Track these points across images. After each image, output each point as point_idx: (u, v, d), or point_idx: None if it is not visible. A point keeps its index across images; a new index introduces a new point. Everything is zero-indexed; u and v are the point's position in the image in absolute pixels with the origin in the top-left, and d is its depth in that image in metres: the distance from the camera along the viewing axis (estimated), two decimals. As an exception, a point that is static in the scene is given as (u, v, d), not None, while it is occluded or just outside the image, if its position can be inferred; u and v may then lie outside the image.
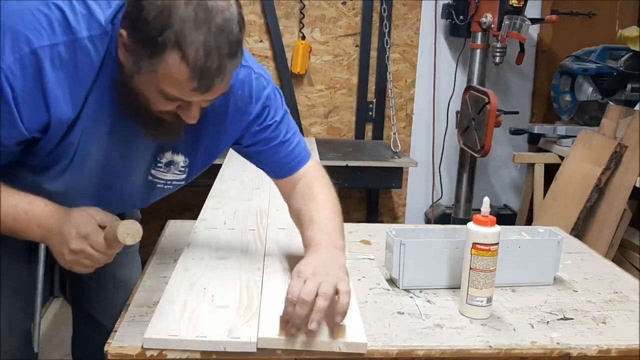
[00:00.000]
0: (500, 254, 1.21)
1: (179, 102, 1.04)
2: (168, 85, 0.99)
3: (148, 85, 1.01)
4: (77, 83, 1.05)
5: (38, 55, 1.01)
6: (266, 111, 1.26)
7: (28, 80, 1.01)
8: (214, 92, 1.02)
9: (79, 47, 1.03)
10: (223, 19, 0.96)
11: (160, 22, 0.94)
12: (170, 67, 0.96)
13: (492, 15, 2.91)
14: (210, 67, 0.97)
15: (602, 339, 1.15)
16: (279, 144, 1.29)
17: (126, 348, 1.03)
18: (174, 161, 1.25)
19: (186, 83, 0.98)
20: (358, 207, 3.49)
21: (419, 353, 1.08)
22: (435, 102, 3.41)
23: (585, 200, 2.72)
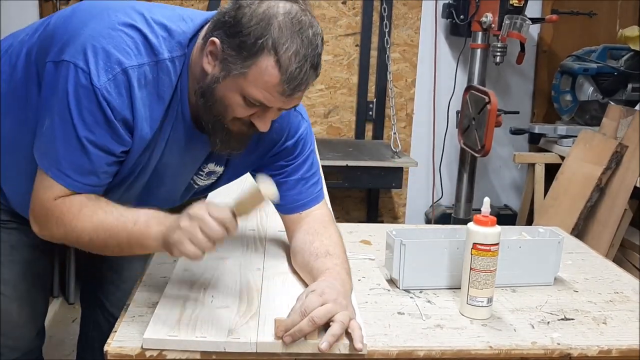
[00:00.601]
0: (500, 254, 1.20)
1: (257, 109, 1.10)
2: (256, 88, 1.06)
3: (232, 89, 1.08)
4: (158, 100, 1.13)
5: (128, 74, 1.08)
6: (297, 149, 1.33)
7: (122, 98, 1.09)
8: (294, 100, 1.11)
9: (161, 68, 1.12)
10: (313, 33, 1.07)
11: (260, 28, 1.03)
12: (264, 70, 1.04)
13: (492, 15, 2.91)
14: (299, 75, 1.05)
15: (603, 339, 1.15)
16: (297, 181, 1.33)
17: (126, 348, 1.03)
18: (214, 172, 1.33)
19: (275, 86, 1.06)
20: (358, 207, 3.49)
21: (419, 353, 1.08)
22: (436, 102, 3.41)
23: (585, 200, 2.71)
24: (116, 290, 1.59)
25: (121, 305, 1.30)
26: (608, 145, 2.74)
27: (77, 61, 1.07)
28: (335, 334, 1.00)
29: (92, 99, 1.07)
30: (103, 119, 1.08)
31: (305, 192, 1.34)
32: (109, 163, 1.13)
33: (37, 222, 1.17)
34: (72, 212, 1.12)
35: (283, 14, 1.04)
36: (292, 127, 1.31)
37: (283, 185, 1.32)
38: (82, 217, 1.11)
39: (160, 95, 1.13)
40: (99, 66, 1.06)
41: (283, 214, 1.37)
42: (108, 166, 1.14)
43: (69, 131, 1.08)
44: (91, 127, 1.08)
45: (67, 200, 1.12)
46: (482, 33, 3.03)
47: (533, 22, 2.92)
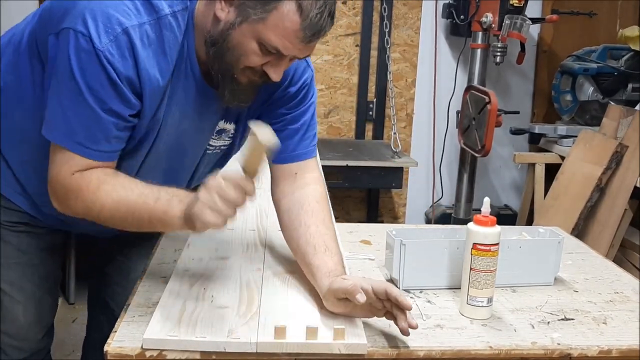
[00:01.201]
0: (500, 254, 1.20)
1: (271, 58, 1.09)
2: (275, 34, 1.06)
3: (249, 35, 1.07)
4: (164, 58, 1.11)
5: (129, 34, 1.06)
6: (299, 95, 1.30)
7: (126, 59, 1.07)
8: (308, 49, 1.11)
9: (163, 25, 1.10)
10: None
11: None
12: (285, 15, 1.04)
13: (492, 15, 2.91)
14: (319, 22, 1.06)
15: (603, 339, 1.15)
16: (296, 130, 1.31)
17: (126, 348, 1.02)
18: (225, 129, 1.30)
19: (295, 32, 1.06)
20: (358, 207, 3.49)
21: (419, 354, 1.08)
22: (436, 102, 3.41)
23: (586, 200, 2.71)
24: (122, 291, 1.57)
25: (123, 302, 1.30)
26: (608, 145, 2.74)
27: (76, 26, 1.05)
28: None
29: (95, 62, 1.05)
30: (108, 82, 1.06)
31: (301, 143, 1.31)
32: (119, 127, 1.11)
33: (56, 198, 1.15)
34: (90, 188, 1.10)
35: None
36: (297, 72, 1.28)
37: (281, 133, 1.27)
38: (101, 193, 1.10)
39: (166, 53, 1.11)
40: (99, 28, 1.05)
41: (275, 163, 1.32)
42: (118, 130, 1.12)
43: (76, 98, 1.07)
44: (97, 91, 1.07)
45: (85, 174, 1.11)
46: (482, 33, 3.03)
47: (533, 22, 2.92)
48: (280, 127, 1.29)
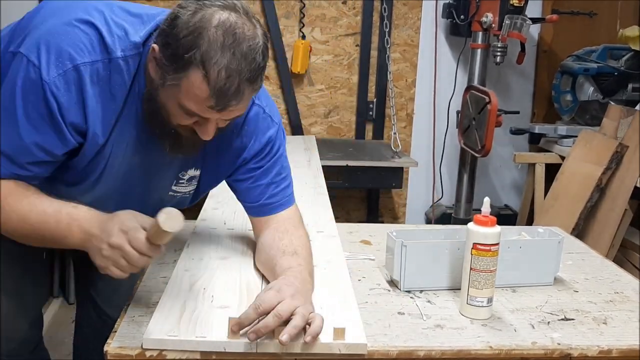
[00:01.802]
0: (500, 255, 1.20)
1: (197, 118, 1.09)
2: (188, 100, 1.05)
3: (171, 98, 1.07)
4: (111, 99, 1.13)
5: (80, 71, 1.08)
6: (265, 151, 1.31)
7: (71, 94, 1.08)
8: (229, 113, 1.08)
9: (114, 66, 1.11)
10: (248, 47, 1.03)
11: (189, 41, 1.01)
12: (192, 83, 1.02)
13: (492, 15, 2.91)
14: (229, 89, 1.03)
15: (603, 339, 1.15)
16: (267, 185, 1.32)
17: (126, 348, 1.02)
18: (195, 176, 1.32)
19: (204, 101, 1.04)
20: (358, 207, 3.49)
21: (420, 354, 1.08)
22: (436, 102, 3.41)
23: (586, 200, 2.71)
24: (106, 287, 1.59)
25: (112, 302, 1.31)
26: (608, 146, 2.74)
27: (30, 55, 1.07)
28: (296, 325, 1.00)
29: (39, 93, 1.06)
30: (48, 115, 1.07)
31: (275, 196, 1.33)
32: (44, 161, 1.12)
33: None
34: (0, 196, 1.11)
35: (215, 26, 1.01)
36: (260, 130, 1.30)
37: (254, 190, 1.32)
38: (6, 205, 1.10)
39: (113, 94, 1.12)
40: (50, 61, 1.06)
41: (253, 216, 1.36)
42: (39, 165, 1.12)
43: (9, 121, 1.08)
44: (34, 123, 1.08)
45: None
46: (482, 33, 3.03)
47: (533, 22, 2.92)
48: (251, 183, 1.32)
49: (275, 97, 3.29)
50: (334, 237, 1.55)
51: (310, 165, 2.43)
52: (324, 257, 1.40)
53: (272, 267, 1.22)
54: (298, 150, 2.69)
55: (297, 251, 1.25)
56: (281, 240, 1.27)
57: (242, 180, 1.33)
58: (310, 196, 1.93)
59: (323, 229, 1.61)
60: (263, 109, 1.30)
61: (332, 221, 1.68)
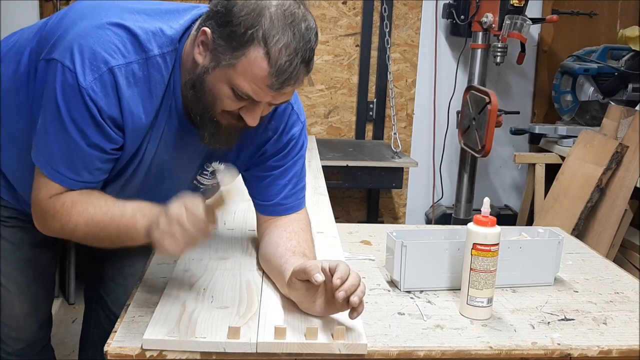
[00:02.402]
0: (500, 255, 1.20)
1: (246, 103, 1.09)
2: (244, 80, 1.04)
3: (222, 80, 1.06)
4: (150, 97, 1.13)
5: (114, 73, 1.09)
6: (287, 148, 1.31)
7: (109, 97, 1.09)
8: (282, 95, 1.08)
9: (151, 65, 1.11)
10: (306, 27, 1.04)
11: (251, 19, 1.01)
12: (252, 61, 1.02)
13: (492, 15, 2.91)
14: (288, 68, 1.03)
15: (603, 339, 1.15)
16: (284, 185, 1.32)
17: (126, 348, 1.03)
18: (219, 169, 1.32)
19: (264, 79, 1.03)
20: (358, 207, 3.49)
21: (420, 354, 1.08)
22: (436, 102, 3.41)
23: (586, 201, 2.71)
24: (116, 287, 1.60)
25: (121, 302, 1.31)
26: (608, 146, 2.74)
27: (64, 60, 1.08)
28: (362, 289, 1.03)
29: (79, 98, 1.07)
30: (90, 118, 1.09)
31: (290, 198, 1.33)
32: (101, 160, 1.14)
33: (37, 219, 1.20)
34: (65, 209, 1.14)
35: (275, 6, 1.02)
36: (286, 125, 1.29)
37: (270, 189, 1.32)
38: (74, 213, 1.13)
39: (152, 92, 1.13)
40: (85, 65, 1.07)
41: (264, 215, 1.35)
42: (101, 163, 1.15)
43: (59, 129, 1.10)
44: (81, 125, 1.09)
45: (60, 197, 1.14)
46: (482, 33, 3.02)
47: (533, 22, 2.92)
48: (269, 181, 1.32)
49: (276, 97, 3.29)
50: (334, 237, 1.55)
51: (311, 165, 2.43)
52: (324, 257, 1.40)
53: (281, 265, 1.21)
54: (298, 151, 2.69)
55: (306, 254, 1.24)
56: (290, 241, 1.27)
57: (261, 177, 1.32)
58: (310, 196, 1.93)
59: (323, 229, 1.61)
60: (292, 105, 1.29)
61: (332, 221, 1.68)
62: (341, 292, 1.00)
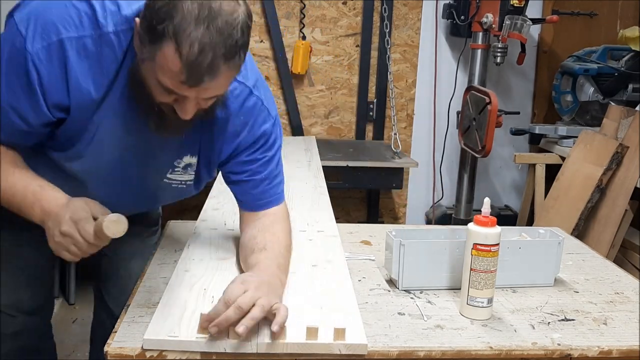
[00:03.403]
0: (500, 255, 1.20)
1: (175, 96, 1.07)
2: (163, 75, 1.03)
3: (150, 73, 1.06)
4: (101, 73, 1.12)
5: (64, 45, 1.08)
6: (259, 143, 1.30)
7: (53, 67, 1.09)
8: (204, 90, 1.05)
9: (104, 41, 1.11)
10: (225, 22, 0.99)
11: (164, 12, 0.99)
12: (166, 56, 1.00)
13: (493, 15, 2.91)
14: (202, 64, 0.99)
15: (603, 339, 1.15)
16: (261, 180, 1.32)
17: (126, 349, 1.03)
18: (191, 164, 1.31)
19: (177, 75, 1.01)
20: (358, 207, 3.49)
21: (420, 354, 1.08)
22: (436, 102, 3.41)
23: (586, 201, 2.71)
24: (113, 287, 1.60)
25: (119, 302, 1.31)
26: (608, 146, 2.74)
27: (19, 24, 1.09)
28: (254, 317, 1.01)
29: (22, 62, 1.08)
30: (26, 83, 1.09)
31: (267, 192, 1.33)
32: (21, 131, 1.14)
33: None
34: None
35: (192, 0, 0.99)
36: (256, 120, 1.28)
37: (246, 184, 1.32)
38: None
39: (105, 68, 1.12)
40: (36, 32, 1.08)
41: (243, 210, 1.36)
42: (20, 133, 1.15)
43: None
44: (13, 87, 1.10)
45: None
46: (482, 33, 3.03)
47: (533, 23, 2.92)
48: (245, 176, 1.31)
49: (276, 98, 3.28)
50: (335, 237, 1.55)
51: (311, 165, 2.43)
52: (324, 257, 1.40)
53: (245, 267, 1.25)
54: (298, 151, 2.69)
55: (266, 246, 1.26)
56: (255, 239, 1.28)
57: (237, 173, 1.32)
58: (311, 196, 1.93)
59: (323, 229, 1.61)
60: (262, 100, 1.28)
61: (332, 221, 1.68)
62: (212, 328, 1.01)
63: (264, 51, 3.23)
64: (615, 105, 3.01)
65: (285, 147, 2.71)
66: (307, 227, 1.60)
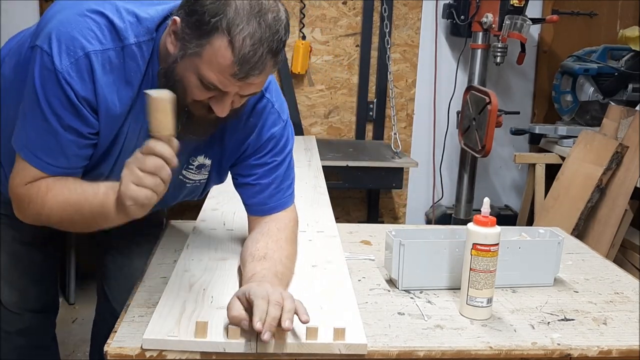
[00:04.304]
0: (500, 255, 1.20)
1: (214, 93, 1.08)
2: (209, 70, 1.04)
3: (189, 69, 1.07)
4: (127, 86, 1.14)
5: (90, 59, 1.09)
6: (268, 147, 1.30)
7: (85, 81, 1.10)
8: (249, 85, 1.07)
9: (127, 53, 1.12)
10: (273, 18, 1.04)
11: (215, 7, 1.01)
12: (217, 50, 1.02)
13: (493, 15, 2.91)
14: (252, 58, 1.02)
15: (603, 339, 1.15)
16: (267, 185, 1.32)
17: (126, 348, 1.03)
18: (204, 165, 1.32)
19: (227, 68, 1.03)
20: (358, 207, 3.49)
21: (420, 354, 1.08)
22: (436, 102, 3.41)
23: (586, 201, 2.71)
24: (117, 284, 1.61)
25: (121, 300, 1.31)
26: (608, 146, 2.74)
27: (43, 45, 1.09)
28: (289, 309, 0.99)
29: (55, 81, 1.08)
30: (67, 101, 1.10)
31: (274, 197, 1.33)
32: (78, 145, 1.14)
33: (14, 205, 1.20)
34: (40, 195, 1.14)
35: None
36: (266, 123, 1.29)
37: (252, 188, 1.32)
38: (49, 197, 1.14)
39: (129, 81, 1.14)
40: (61, 50, 1.08)
41: (249, 215, 1.37)
42: (78, 148, 1.15)
43: (37, 113, 1.11)
44: (57, 109, 1.10)
45: (35, 184, 1.15)
46: (482, 33, 3.03)
47: (533, 23, 2.92)
48: (252, 180, 1.32)
49: (276, 98, 3.29)
50: (335, 237, 1.55)
51: (311, 165, 2.43)
52: (324, 257, 1.40)
53: (243, 271, 1.23)
54: (298, 151, 2.69)
55: (266, 255, 1.24)
56: (256, 244, 1.27)
57: (244, 176, 1.33)
58: (311, 196, 1.93)
59: (323, 229, 1.61)
60: (272, 103, 1.30)
61: (332, 221, 1.68)
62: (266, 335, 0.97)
63: (264, 51, 3.22)
64: (615, 105, 3.01)
65: (285, 147, 2.72)
66: (307, 227, 1.60)
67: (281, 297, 1.01)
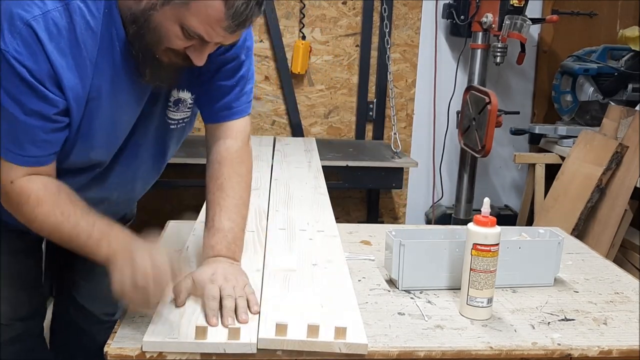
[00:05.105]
0: (500, 255, 1.20)
1: (194, 42, 1.07)
2: (198, 21, 1.03)
3: (171, 19, 1.04)
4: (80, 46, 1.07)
5: (33, 27, 1.02)
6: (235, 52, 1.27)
7: (34, 53, 1.02)
8: (234, 37, 1.08)
9: (72, 10, 1.05)
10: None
11: None
12: (208, 2, 1.01)
13: (492, 15, 2.91)
14: (245, 11, 1.03)
15: (603, 339, 1.15)
16: (232, 87, 1.30)
17: (126, 349, 1.02)
18: (181, 99, 1.28)
19: (219, 21, 1.03)
20: (358, 207, 3.49)
21: (420, 354, 1.08)
22: (436, 102, 3.41)
23: (586, 201, 2.71)
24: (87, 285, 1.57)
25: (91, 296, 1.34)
26: (608, 146, 2.74)
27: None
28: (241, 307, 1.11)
29: (5, 64, 1.01)
30: (22, 82, 1.03)
31: (237, 101, 1.31)
32: (45, 130, 1.09)
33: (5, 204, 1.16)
34: (30, 206, 1.12)
35: None
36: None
37: (217, 91, 1.29)
38: (40, 214, 1.12)
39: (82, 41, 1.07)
40: (3, 29, 1.01)
41: (208, 123, 1.34)
42: (45, 133, 1.09)
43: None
44: (13, 93, 1.04)
45: (24, 188, 1.11)
46: (482, 33, 3.03)
47: (533, 23, 2.92)
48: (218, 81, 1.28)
49: (276, 98, 3.29)
50: (335, 237, 1.55)
51: (311, 166, 2.43)
52: (324, 256, 1.40)
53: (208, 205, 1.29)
54: (298, 152, 2.69)
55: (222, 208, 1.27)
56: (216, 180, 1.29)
57: (210, 81, 1.28)
58: (311, 197, 1.93)
59: (323, 228, 1.61)
60: None
61: (332, 221, 1.68)
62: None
63: (264, 51, 3.22)
64: (615, 105, 3.01)
65: (286, 148, 2.73)
66: (307, 227, 1.60)
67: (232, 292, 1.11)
